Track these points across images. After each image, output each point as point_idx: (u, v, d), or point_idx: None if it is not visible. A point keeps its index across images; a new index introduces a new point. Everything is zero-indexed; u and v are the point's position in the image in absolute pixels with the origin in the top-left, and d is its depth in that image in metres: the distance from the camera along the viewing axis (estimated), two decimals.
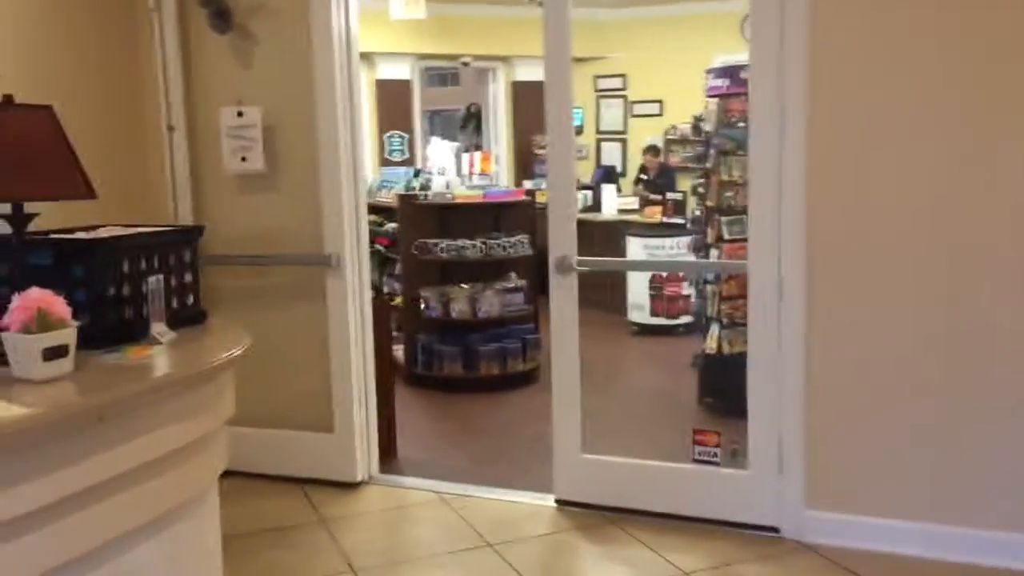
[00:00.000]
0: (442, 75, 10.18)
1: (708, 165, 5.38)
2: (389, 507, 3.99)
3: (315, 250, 4.06)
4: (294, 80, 4.02)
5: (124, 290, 2.28)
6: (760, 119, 3.39)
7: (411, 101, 9.69)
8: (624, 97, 10.15)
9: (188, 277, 2.53)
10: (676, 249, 7.25)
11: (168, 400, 2.08)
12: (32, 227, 2.38)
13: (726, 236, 5.02)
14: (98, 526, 1.90)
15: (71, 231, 2.43)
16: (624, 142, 10.22)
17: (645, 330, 7.46)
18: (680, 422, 4.62)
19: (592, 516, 3.74)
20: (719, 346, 5.00)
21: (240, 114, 4.05)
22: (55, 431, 1.79)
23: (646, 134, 9.52)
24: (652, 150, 9.10)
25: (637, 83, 9.92)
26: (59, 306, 1.95)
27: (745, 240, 3.56)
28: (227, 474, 4.08)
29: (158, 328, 2.28)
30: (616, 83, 10.08)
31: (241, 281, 4.24)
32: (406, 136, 9.38)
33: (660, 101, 9.69)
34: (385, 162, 9.13)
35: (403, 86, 9.59)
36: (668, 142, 9.78)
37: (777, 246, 3.40)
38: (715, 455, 3.65)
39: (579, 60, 8.90)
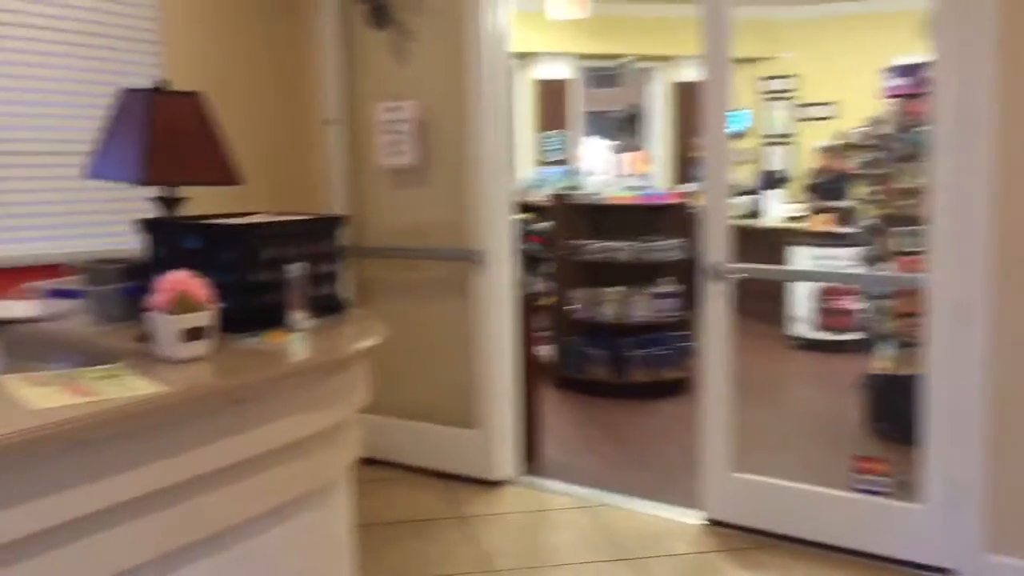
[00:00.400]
0: (603, 76, 10.03)
1: (884, 171, 4.99)
2: (529, 509, 3.91)
3: (463, 246, 4.04)
4: (448, 77, 4.02)
5: (267, 276, 2.28)
6: (944, 122, 3.06)
7: (570, 101, 9.61)
8: (792, 99, 9.67)
9: (330, 266, 2.51)
10: (847, 260, 6.80)
11: (301, 387, 2.06)
12: (198, 211, 2.44)
13: (901, 248, 4.63)
14: (225, 509, 1.89)
15: (222, 216, 2.46)
16: (791, 146, 9.74)
17: (807, 344, 7.05)
18: (842, 446, 4.30)
19: (740, 538, 3.51)
20: (891, 366, 4.61)
21: (394, 109, 4.08)
22: (188, 411, 1.79)
23: (815, 138, 9.03)
24: (830, 152, 8.58)
25: (807, 85, 9.43)
26: (199, 289, 1.96)
27: (922, 253, 3.24)
28: (372, 462, 4.15)
29: (298, 315, 2.27)
30: (784, 84, 9.62)
31: (393, 273, 4.29)
32: (564, 135, 9.30)
33: (831, 103, 9.17)
34: (542, 161, 9.09)
35: (562, 86, 9.52)
36: (840, 147, 9.21)
37: (960, 260, 3.07)
38: (883, 484, 3.34)
39: (745, 61, 8.58)
